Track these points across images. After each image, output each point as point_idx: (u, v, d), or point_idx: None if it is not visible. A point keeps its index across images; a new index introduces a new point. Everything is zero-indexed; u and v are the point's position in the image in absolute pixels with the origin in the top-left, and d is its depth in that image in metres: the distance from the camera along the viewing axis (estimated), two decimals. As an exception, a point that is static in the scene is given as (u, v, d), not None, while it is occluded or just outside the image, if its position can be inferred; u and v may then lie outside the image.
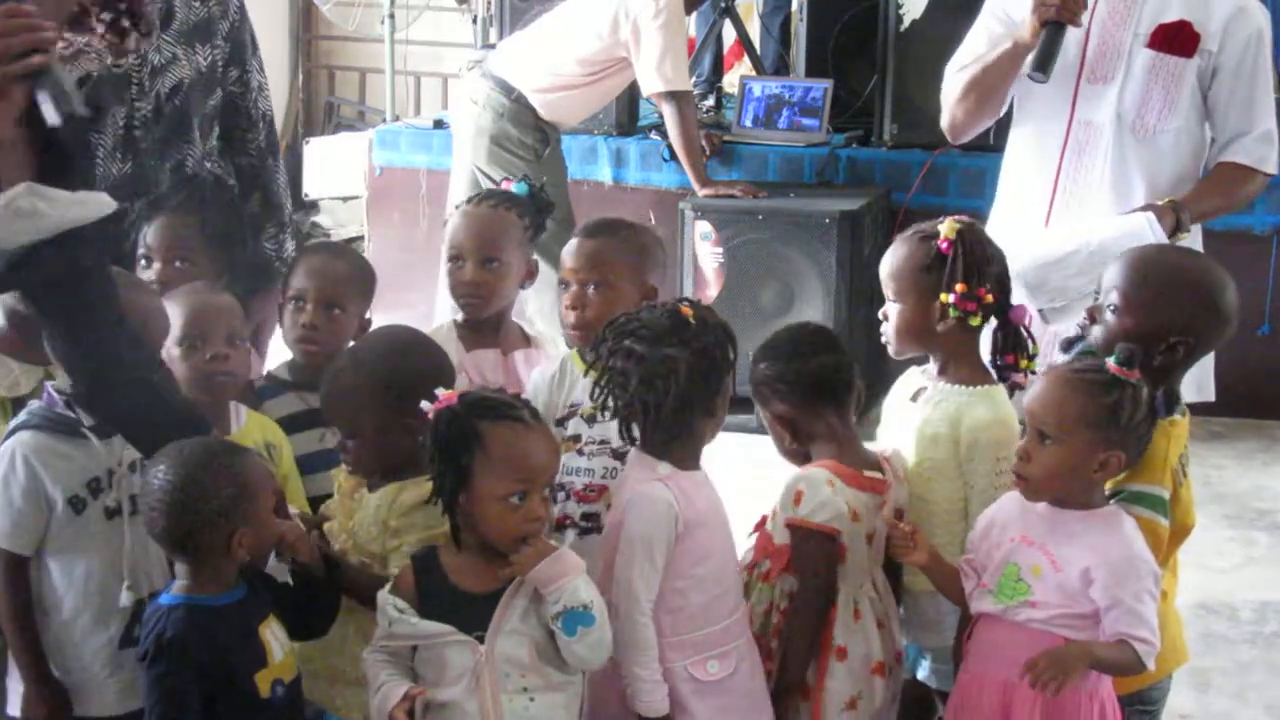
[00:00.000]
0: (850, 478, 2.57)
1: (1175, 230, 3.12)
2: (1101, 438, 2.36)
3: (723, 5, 6.41)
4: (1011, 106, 3.39)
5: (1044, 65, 3.13)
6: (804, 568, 2.56)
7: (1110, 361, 2.40)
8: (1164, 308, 2.53)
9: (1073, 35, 3.21)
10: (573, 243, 2.90)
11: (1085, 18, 3.21)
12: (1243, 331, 2.67)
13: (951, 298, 2.60)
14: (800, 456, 2.65)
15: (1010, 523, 2.46)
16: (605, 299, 2.77)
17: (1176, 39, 3.20)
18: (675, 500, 2.40)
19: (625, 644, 2.38)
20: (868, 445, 2.69)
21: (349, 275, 3.02)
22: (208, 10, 3.13)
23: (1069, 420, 2.36)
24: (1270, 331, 5.54)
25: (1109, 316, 2.55)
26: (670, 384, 2.40)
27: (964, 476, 2.62)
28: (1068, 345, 2.46)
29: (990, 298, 2.61)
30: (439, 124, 6.45)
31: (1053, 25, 3.13)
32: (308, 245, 3.24)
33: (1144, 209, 3.14)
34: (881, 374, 2.96)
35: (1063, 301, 3.04)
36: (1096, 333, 2.56)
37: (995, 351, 2.68)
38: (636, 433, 2.46)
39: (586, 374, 2.48)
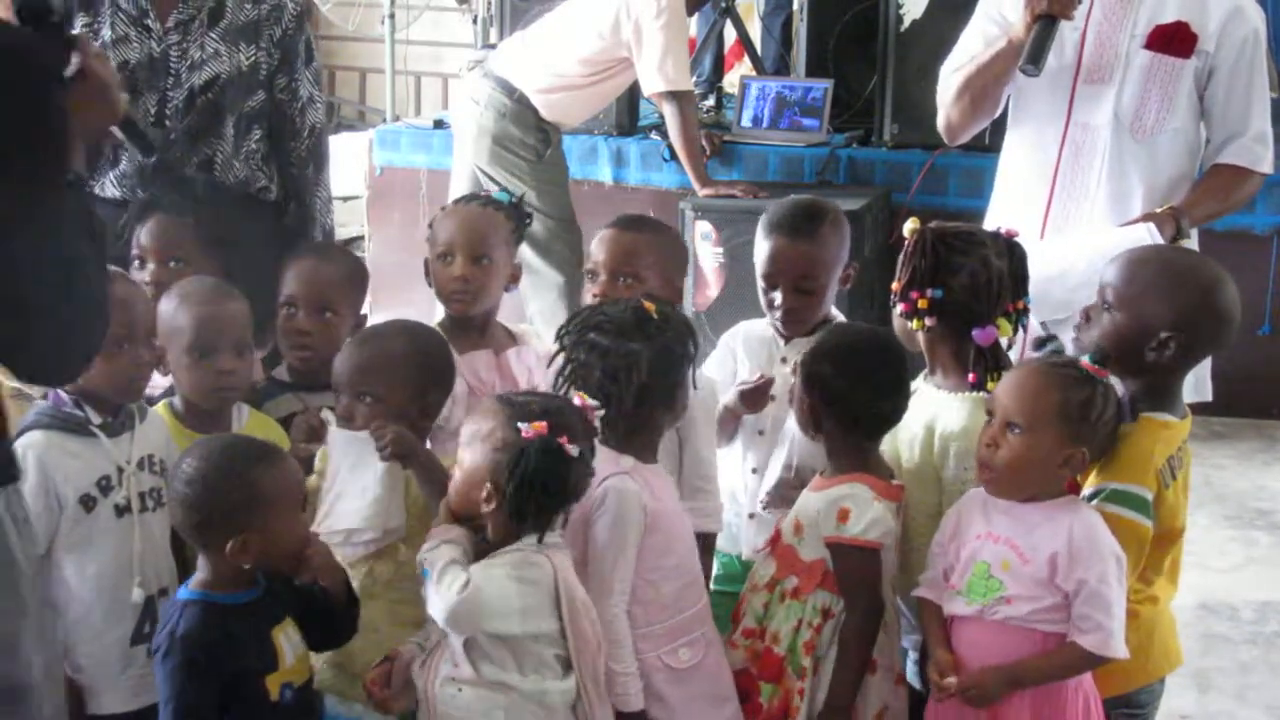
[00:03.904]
0: (885, 490, 2.55)
1: (1175, 237, 3.12)
2: (1070, 433, 2.37)
3: (723, 5, 6.41)
4: (1007, 108, 3.39)
5: (1035, 59, 3.12)
6: (852, 587, 2.52)
7: (1085, 359, 2.42)
8: (1154, 302, 2.52)
9: (1070, 37, 3.20)
10: (606, 233, 2.92)
11: (1081, 20, 3.20)
12: (1243, 331, 2.66)
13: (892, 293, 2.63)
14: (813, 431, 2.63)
15: (974, 521, 2.46)
16: (634, 293, 2.76)
17: (1174, 40, 3.20)
18: (642, 493, 2.42)
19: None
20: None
21: (339, 278, 3.02)
22: (258, 13, 3.21)
23: (1040, 412, 2.36)
24: (1270, 331, 5.54)
25: (1103, 313, 2.56)
26: (632, 377, 2.42)
27: (940, 481, 2.61)
28: (1039, 345, 2.46)
29: (923, 303, 2.59)
30: (439, 124, 6.45)
31: (1045, 20, 3.11)
32: (297, 248, 3.23)
33: (1144, 218, 3.14)
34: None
35: (1065, 314, 3.03)
36: (1091, 331, 2.55)
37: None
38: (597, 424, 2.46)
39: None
